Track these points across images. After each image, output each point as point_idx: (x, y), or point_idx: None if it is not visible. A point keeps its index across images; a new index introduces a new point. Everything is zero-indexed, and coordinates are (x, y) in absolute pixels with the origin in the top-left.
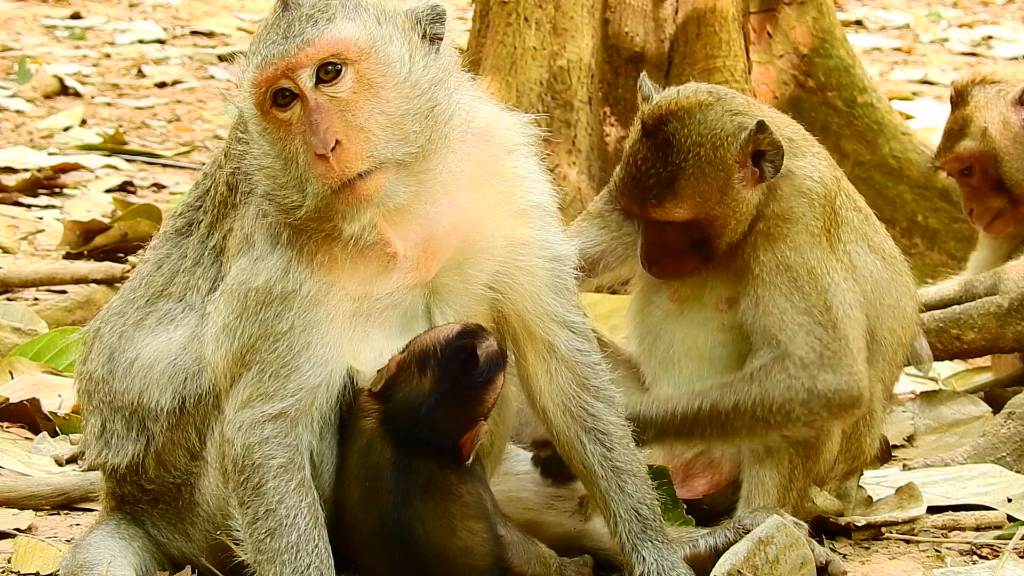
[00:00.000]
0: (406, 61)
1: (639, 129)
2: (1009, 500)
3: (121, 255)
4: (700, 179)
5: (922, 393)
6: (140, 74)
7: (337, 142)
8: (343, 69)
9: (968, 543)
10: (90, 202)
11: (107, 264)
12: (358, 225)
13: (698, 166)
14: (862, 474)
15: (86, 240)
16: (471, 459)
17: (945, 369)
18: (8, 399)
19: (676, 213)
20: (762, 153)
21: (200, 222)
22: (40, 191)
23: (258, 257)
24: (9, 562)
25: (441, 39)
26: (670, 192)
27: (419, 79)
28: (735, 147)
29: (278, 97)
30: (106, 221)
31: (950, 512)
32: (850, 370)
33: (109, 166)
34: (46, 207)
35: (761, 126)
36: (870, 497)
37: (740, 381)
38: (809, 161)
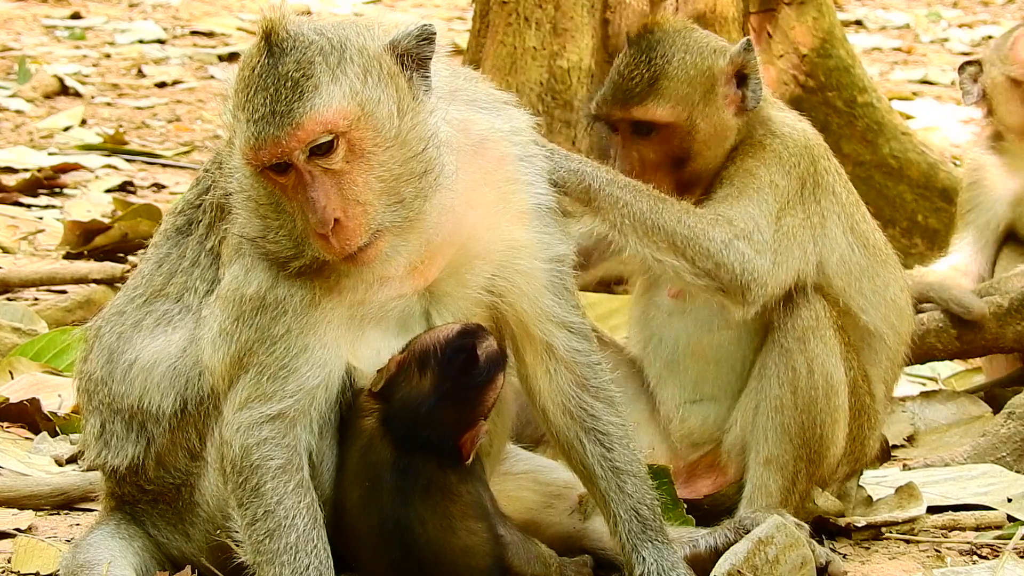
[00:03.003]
0: (395, 118)
1: (625, 44)
2: (1009, 500)
3: (121, 255)
4: (684, 81)
5: (922, 393)
6: (140, 74)
7: (336, 220)
8: (335, 141)
9: (968, 543)
10: (90, 202)
11: (107, 264)
12: (358, 279)
13: (683, 69)
14: (862, 474)
15: (86, 240)
16: (471, 459)
17: (945, 369)
18: (8, 399)
19: (658, 112)
20: (745, 78)
21: (200, 222)
22: (40, 191)
23: (250, 267)
24: (9, 562)
25: (430, 58)
26: (653, 91)
27: (409, 136)
28: (722, 60)
29: (272, 165)
30: (106, 221)
31: (950, 512)
32: (768, 263)
33: (109, 166)
34: (46, 207)
35: (749, 44)
36: (870, 497)
37: (683, 209)
38: (792, 117)
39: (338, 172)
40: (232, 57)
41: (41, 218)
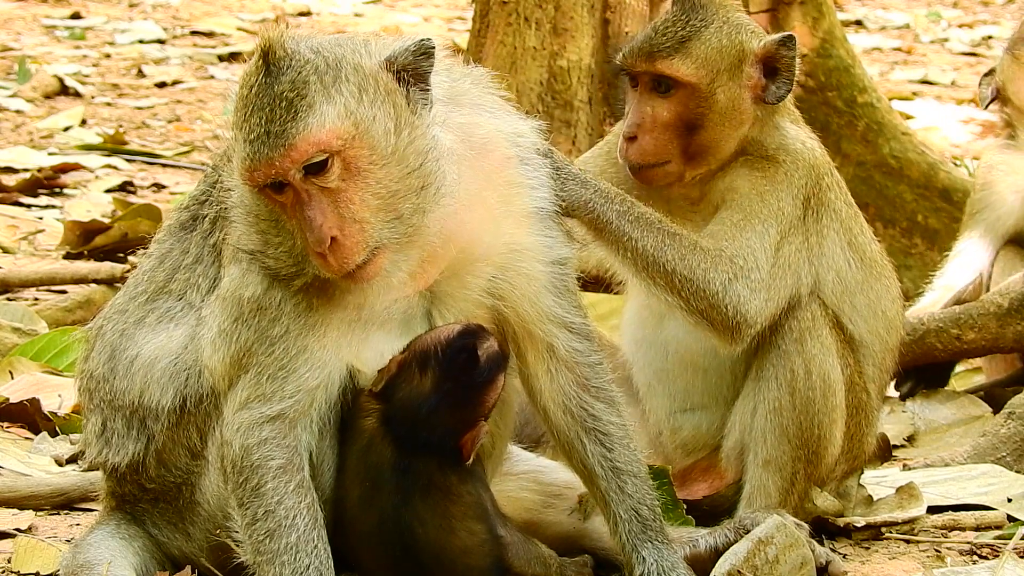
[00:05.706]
0: (392, 135)
1: (670, 3)
2: (1009, 500)
3: (121, 255)
4: (715, 48)
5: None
6: (140, 74)
7: (333, 238)
8: (329, 160)
9: (968, 543)
10: (90, 202)
11: (107, 264)
12: (360, 294)
13: (718, 37)
14: (862, 473)
15: (86, 240)
16: (471, 459)
17: None
18: (8, 399)
19: (682, 70)
20: (776, 71)
21: (204, 217)
22: (40, 191)
23: (247, 269)
24: (9, 562)
25: (429, 72)
26: (683, 49)
27: (406, 153)
28: (755, 42)
29: (269, 184)
30: (106, 221)
31: (950, 512)
32: (761, 301)
33: (109, 166)
34: (46, 207)
35: (791, 41)
36: (870, 496)
37: (688, 246)
38: (805, 133)
39: (334, 190)
40: (232, 57)
41: (41, 218)
